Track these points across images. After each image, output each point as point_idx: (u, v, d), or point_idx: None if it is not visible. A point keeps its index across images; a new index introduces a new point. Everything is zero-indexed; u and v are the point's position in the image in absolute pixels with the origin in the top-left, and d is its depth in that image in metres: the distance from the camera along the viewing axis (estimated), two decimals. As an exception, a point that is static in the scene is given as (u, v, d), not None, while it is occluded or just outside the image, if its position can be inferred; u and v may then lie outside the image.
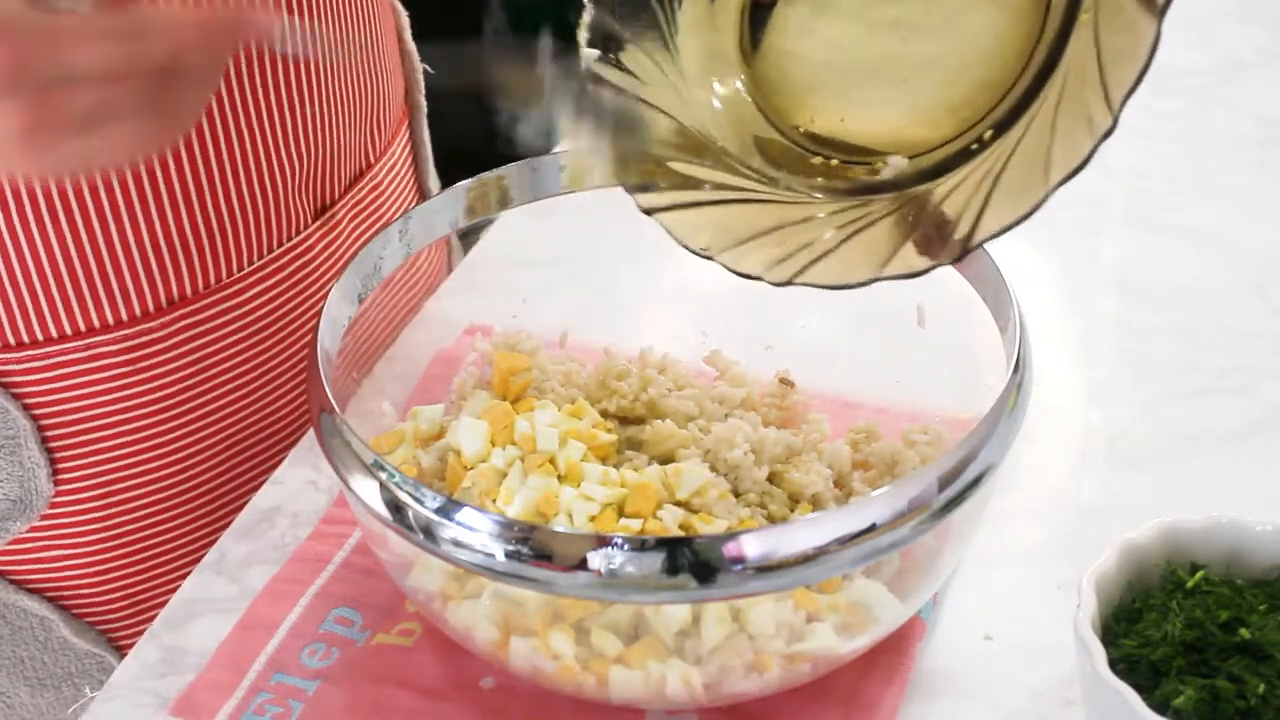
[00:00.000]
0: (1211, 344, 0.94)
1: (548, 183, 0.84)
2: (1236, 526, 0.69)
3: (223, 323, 0.87)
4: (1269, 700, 0.63)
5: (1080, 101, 0.67)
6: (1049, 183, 0.66)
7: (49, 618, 0.89)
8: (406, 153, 0.99)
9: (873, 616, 0.69)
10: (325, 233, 0.91)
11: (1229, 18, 1.31)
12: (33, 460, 0.85)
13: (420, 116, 1.01)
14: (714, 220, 0.72)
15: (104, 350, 0.83)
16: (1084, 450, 0.87)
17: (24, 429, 0.84)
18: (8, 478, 0.85)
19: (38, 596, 0.89)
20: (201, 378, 0.87)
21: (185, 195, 0.82)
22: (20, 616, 0.89)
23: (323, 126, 0.88)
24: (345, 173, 0.92)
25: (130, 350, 0.84)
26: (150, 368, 0.85)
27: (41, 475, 0.85)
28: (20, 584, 0.89)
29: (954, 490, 0.65)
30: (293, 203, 0.88)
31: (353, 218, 0.94)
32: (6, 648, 0.90)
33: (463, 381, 0.83)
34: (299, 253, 0.89)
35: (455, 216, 0.82)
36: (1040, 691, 0.73)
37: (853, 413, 0.83)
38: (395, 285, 0.91)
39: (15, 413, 0.83)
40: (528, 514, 0.71)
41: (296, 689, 0.73)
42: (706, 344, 0.85)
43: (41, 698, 0.92)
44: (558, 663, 0.67)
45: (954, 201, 0.69)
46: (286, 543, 0.82)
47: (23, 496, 0.86)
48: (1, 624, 0.90)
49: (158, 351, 0.85)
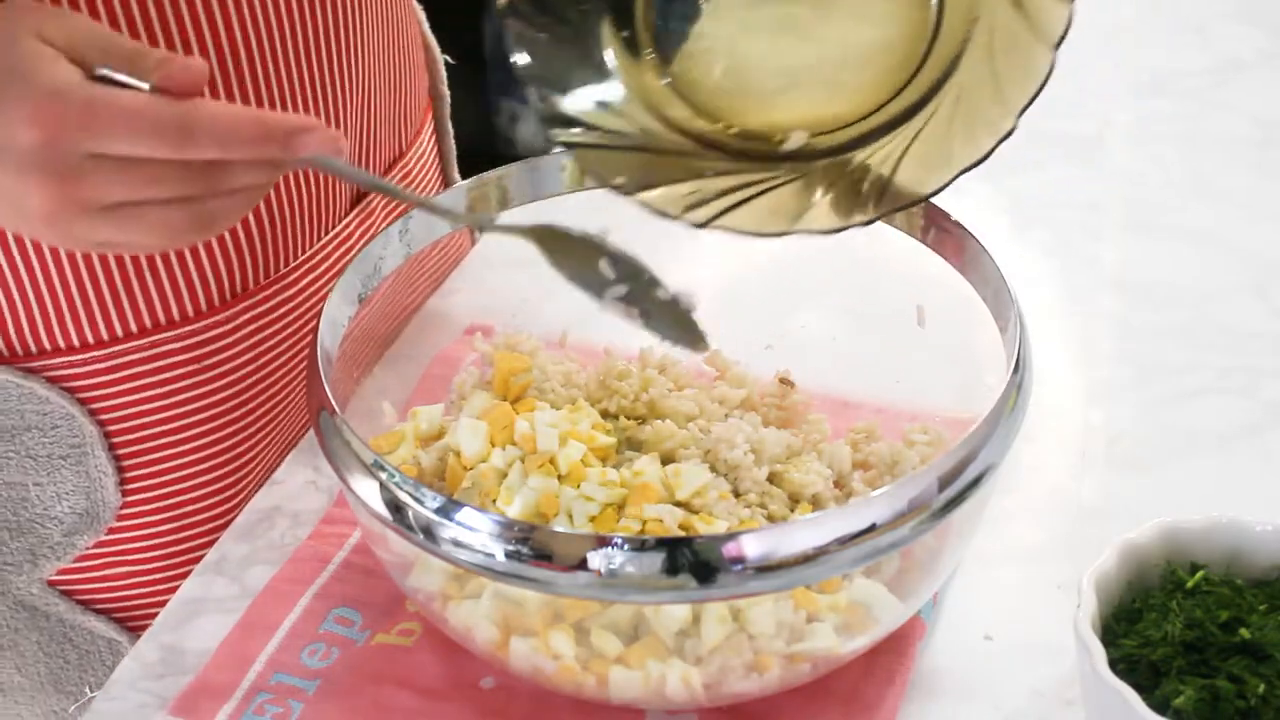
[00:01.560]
0: (1211, 344, 0.94)
1: (548, 183, 0.84)
2: (1236, 526, 0.69)
3: (280, 315, 0.87)
4: (1269, 700, 0.63)
5: (979, 104, 0.71)
6: (951, 171, 0.70)
7: (117, 640, 0.88)
8: (432, 143, 1.00)
9: (873, 616, 0.69)
10: (362, 220, 0.92)
11: (1227, 19, 1.31)
12: (100, 469, 0.84)
13: (443, 107, 1.01)
14: (634, 163, 0.75)
15: (169, 349, 0.83)
16: (1084, 450, 0.87)
17: (91, 436, 0.83)
18: (74, 490, 0.84)
19: (105, 617, 0.88)
20: (262, 372, 0.87)
21: None
22: (87, 640, 0.88)
23: (362, 114, 0.88)
24: (380, 161, 0.92)
25: (195, 347, 0.84)
26: (214, 365, 0.85)
27: (109, 484, 0.84)
28: (86, 604, 0.88)
29: (954, 490, 0.65)
30: (333, 191, 0.88)
31: (386, 206, 0.94)
32: (74, 673, 0.89)
33: (463, 381, 0.83)
34: (339, 240, 0.90)
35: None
36: (1040, 691, 0.73)
37: (853, 413, 0.83)
38: (395, 285, 0.91)
39: (82, 419, 0.82)
40: (528, 514, 0.71)
41: (296, 689, 0.73)
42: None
43: None
44: (558, 663, 0.67)
45: (867, 172, 0.73)
46: (286, 543, 0.82)
47: (89, 509, 0.85)
48: (69, 649, 0.88)
49: (221, 348, 0.85)
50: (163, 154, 0.62)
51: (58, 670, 0.89)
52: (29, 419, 0.82)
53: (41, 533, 0.85)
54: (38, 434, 0.82)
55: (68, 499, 0.84)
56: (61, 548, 0.85)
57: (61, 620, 0.87)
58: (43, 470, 0.83)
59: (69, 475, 0.84)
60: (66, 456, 0.83)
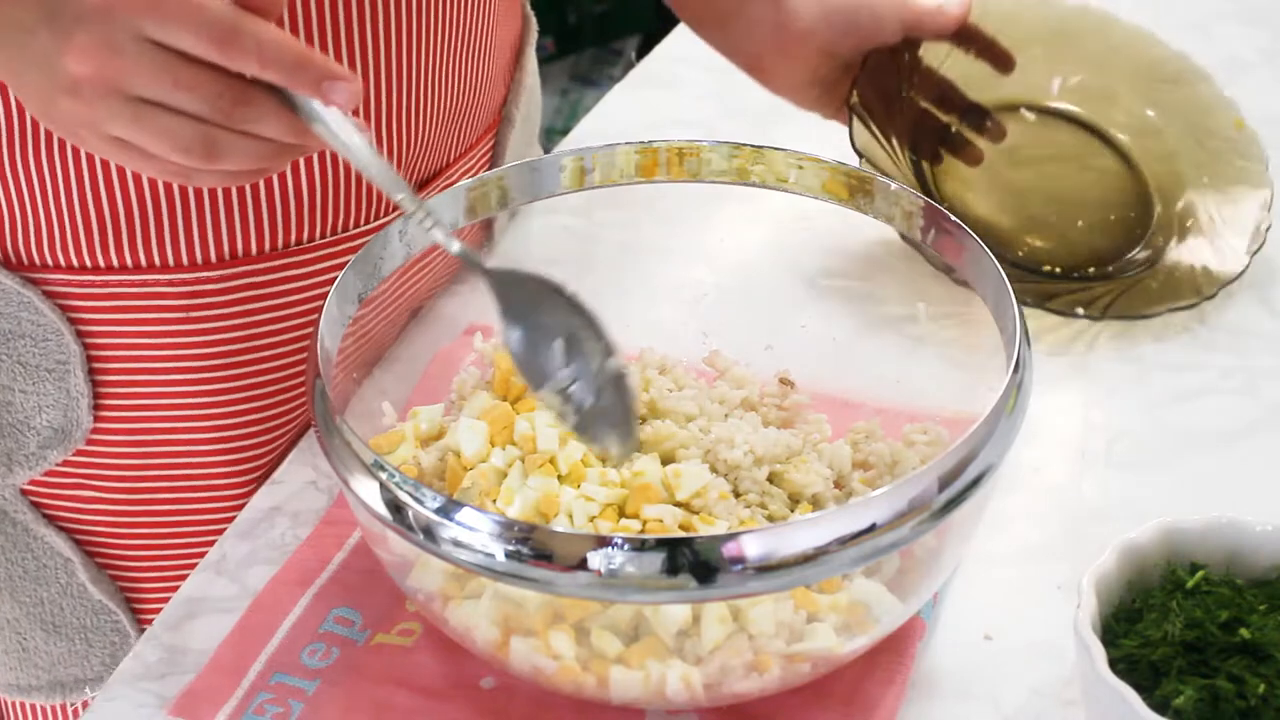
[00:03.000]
0: (1211, 344, 0.94)
1: (548, 183, 0.84)
2: (1236, 526, 0.69)
3: (283, 289, 0.86)
4: (1269, 700, 0.63)
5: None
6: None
7: (71, 559, 0.90)
8: (486, 159, 0.98)
9: (873, 616, 0.69)
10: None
11: (1230, 18, 1.31)
12: (78, 389, 0.85)
13: (508, 129, 0.99)
14: None
15: (159, 290, 0.83)
16: (1084, 450, 0.87)
17: (74, 354, 0.84)
18: (53, 404, 0.85)
19: (64, 535, 0.90)
20: (254, 339, 0.87)
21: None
22: (46, 553, 0.90)
23: (413, 117, 0.87)
24: (425, 167, 0.91)
25: (185, 296, 0.84)
26: (203, 319, 0.85)
27: (84, 405, 0.85)
28: (50, 519, 0.89)
29: (954, 490, 0.65)
30: (371, 189, 0.88)
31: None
32: (30, 586, 0.91)
33: (463, 381, 0.83)
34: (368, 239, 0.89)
35: (455, 216, 0.82)
36: (1040, 691, 0.73)
37: (853, 413, 0.83)
38: (395, 285, 0.91)
39: (68, 336, 0.84)
40: (528, 514, 0.71)
41: (296, 689, 0.73)
42: (706, 344, 0.85)
43: (55, 645, 0.92)
44: (558, 663, 0.67)
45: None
46: (286, 543, 0.82)
47: (64, 425, 0.86)
48: (29, 558, 0.90)
49: (213, 304, 0.85)
50: (206, 51, 0.63)
51: (16, 578, 0.91)
52: (24, 326, 0.84)
53: (20, 439, 0.87)
54: (29, 343, 0.84)
55: (46, 412, 0.86)
56: (34, 458, 0.87)
57: (26, 529, 0.89)
58: (29, 379, 0.85)
59: (50, 389, 0.85)
60: (52, 370, 0.85)
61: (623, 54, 2.58)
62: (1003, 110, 1.05)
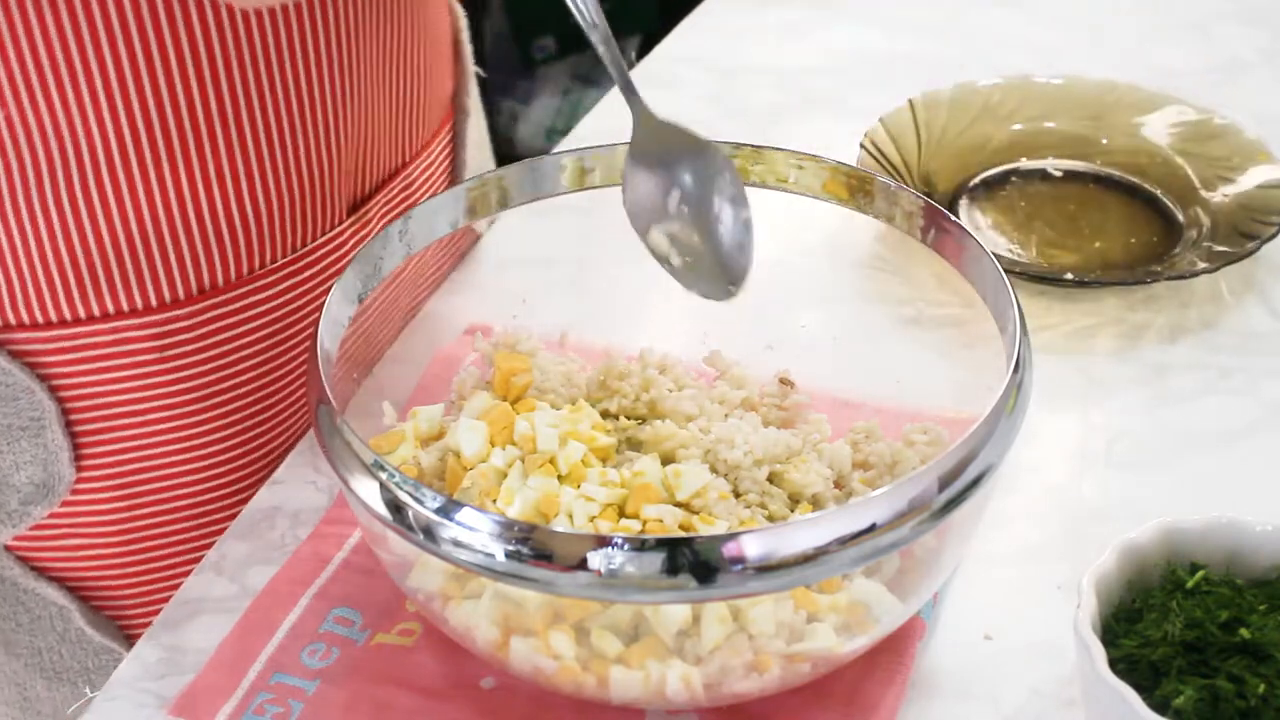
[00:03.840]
0: (1212, 344, 0.94)
1: (548, 183, 0.84)
2: (1236, 526, 0.69)
3: (252, 315, 0.86)
4: (1269, 700, 0.63)
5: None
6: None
7: (67, 607, 0.89)
8: (445, 154, 0.99)
9: (873, 616, 0.69)
10: (358, 229, 0.91)
11: (1229, 18, 1.31)
12: (56, 443, 0.84)
13: (464, 119, 0.99)
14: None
15: (131, 335, 0.83)
16: (1084, 450, 0.87)
17: (49, 411, 0.83)
18: (31, 461, 0.85)
19: (57, 584, 0.89)
20: (227, 368, 0.87)
21: (220, 178, 0.82)
22: (40, 605, 0.89)
23: (362, 120, 0.87)
24: (380, 169, 0.91)
25: (158, 337, 0.84)
26: (177, 356, 0.85)
27: (64, 459, 0.85)
28: (41, 571, 0.89)
29: (954, 490, 0.65)
30: (328, 198, 0.88)
31: (384, 215, 0.93)
32: (25, 637, 0.90)
33: (463, 381, 0.83)
34: (331, 248, 0.89)
35: (455, 216, 0.82)
36: (1040, 691, 0.73)
37: (853, 413, 0.83)
38: (395, 285, 0.91)
39: (41, 394, 0.83)
40: (528, 514, 0.71)
41: (296, 689, 0.73)
42: (706, 344, 0.85)
43: (58, 691, 0.92)
44: (558, 663, 0.67)
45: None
46: (286, 543, 0.82)
47: (45, 480, 0.85)
48: (21, 612, 0.89)
49: (185, 340, 0.84)
50: None
51: (9, 632, 0.90)
52: None
53: (1, 498, 0.86)
54: (0, 403, 0.83)
55: (25, 469, 0.85)
56: (18, 515, 0.86)
57: (16, 584, 0.89)
58: (4, 439, 0.84)
59: (27, 447, 0.84)
60: (26, 428, 0.84)
61: (623, 54, 2.57)
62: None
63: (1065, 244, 1.03)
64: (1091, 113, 1.12)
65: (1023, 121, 1.12)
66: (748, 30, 1.32)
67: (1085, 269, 1.00)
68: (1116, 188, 1.08)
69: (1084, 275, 0.97)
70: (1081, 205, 1.07)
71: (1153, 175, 1.08)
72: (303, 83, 0.83)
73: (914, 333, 0.82)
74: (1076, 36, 1.29)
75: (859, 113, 1.10)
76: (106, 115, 0.77)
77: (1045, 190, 1.08)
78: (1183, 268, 0.97)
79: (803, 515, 0.75)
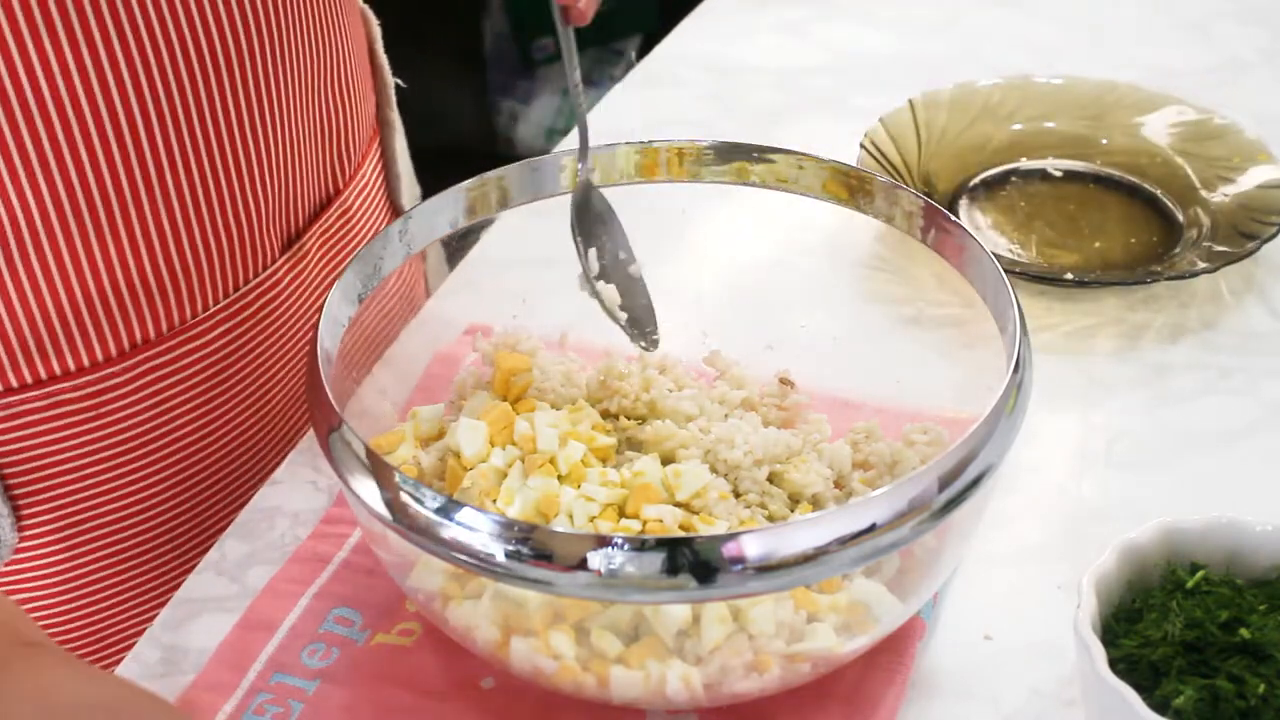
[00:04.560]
0: (1212, 344, 0.94)
1: (547, 183, 0.84)
2: (1236, 526, 0.69)
3: (186, 364, 0.85)
4: (1269, 700, 0.63)
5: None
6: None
7: None
8: (378, 172, 0.97)
9: (873, 616, 0.69)
10: (293, 264, 0.89)
11: (1229, 18, 1.31)
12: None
13: (391, 133, 0.97)
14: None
15: (65, 397, 0.82)
16: (1084, 450, 0.87)
17: None
18: None
19: None
20: (164, 417, 0.85)
21: (146, 238, 0.80)
22: None
23: (288, 155, 0.85)
24: (312, 200, 0.89)
25: (91, 396, 0.82)
26: (111, 412, 0.83)
27: (4, 524, 0.83)
28: None
29: (954, 490, 0.65)
30: (260, 237, 0.86)
31: (322, 246, 0.92)
32: None
33: (463, 381, 0.83)
34: (266, 288, 0.87)
35: (455, 216, 0.82)
36: (1040, 691, 0.73)
37: (853, 413, 0.83)
38: (395, 286, 0.91)
39: None
40: (528, 514, 0.71)
41: (296, 689, 0.73)
42: (706, 344, 0.85)
43: None
44: (558, 663, 0.67)
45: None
46: (286, 543, 0.82)
47: None
48: None
49: (119, 396, 0.83)
50: None
51: None
52: None
53: None
54: None
55: None
56: None
57: None
58: None
59: None
60: None
61: (623, 54, 2.57)
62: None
63: (1065, 244, 1.03)
64: (1091, 113, 1.12)
65: (1023, 121, 1.12)
66: (748, 30, 1.32)
67: (1085, 269, 1.00)
68: (1116, 188, 1.08)
69: (1084, 275, 0.97)
70: (1081, 205, 1.07)
71: (1153, 175, 1.08)
72: (221, 124, 0.80)
73: (914, 333, 0.82)
74: (1076, 36, 1.30)
75: (859, 113, 1.10)
76: (28, 190, 0.75)
77: (1045, 190, 1.08)
78: (1183, 268, 0.97)
79: (803, 515, 0.75)
